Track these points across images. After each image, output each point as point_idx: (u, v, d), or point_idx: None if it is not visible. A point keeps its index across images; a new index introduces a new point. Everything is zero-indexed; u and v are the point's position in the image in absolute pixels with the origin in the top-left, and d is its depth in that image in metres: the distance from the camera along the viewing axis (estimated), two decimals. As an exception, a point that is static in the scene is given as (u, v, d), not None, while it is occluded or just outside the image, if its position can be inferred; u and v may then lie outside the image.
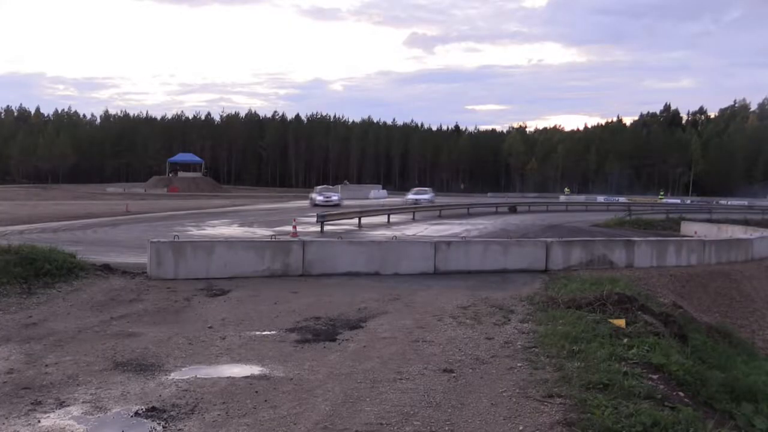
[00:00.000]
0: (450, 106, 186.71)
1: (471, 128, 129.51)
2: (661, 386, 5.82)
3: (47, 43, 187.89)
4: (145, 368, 6.07)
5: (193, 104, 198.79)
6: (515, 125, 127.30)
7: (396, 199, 54.32)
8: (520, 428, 4.74)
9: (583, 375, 5.83)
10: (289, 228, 20.88)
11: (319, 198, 38.44)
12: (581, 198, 67.08)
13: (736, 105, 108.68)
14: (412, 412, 5.01)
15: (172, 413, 4.90)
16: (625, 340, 7.14)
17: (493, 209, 39.21)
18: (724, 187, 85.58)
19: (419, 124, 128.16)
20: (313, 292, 10.30)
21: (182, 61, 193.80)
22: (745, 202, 60.00)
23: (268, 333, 7.64)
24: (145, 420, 4.78)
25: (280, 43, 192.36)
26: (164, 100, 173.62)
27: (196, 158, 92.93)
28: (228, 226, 23.50)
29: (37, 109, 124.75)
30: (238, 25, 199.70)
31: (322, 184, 57.07)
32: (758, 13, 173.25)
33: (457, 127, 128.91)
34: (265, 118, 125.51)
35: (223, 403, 5.15)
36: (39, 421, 4.73)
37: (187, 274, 11.19)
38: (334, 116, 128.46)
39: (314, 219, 22.85)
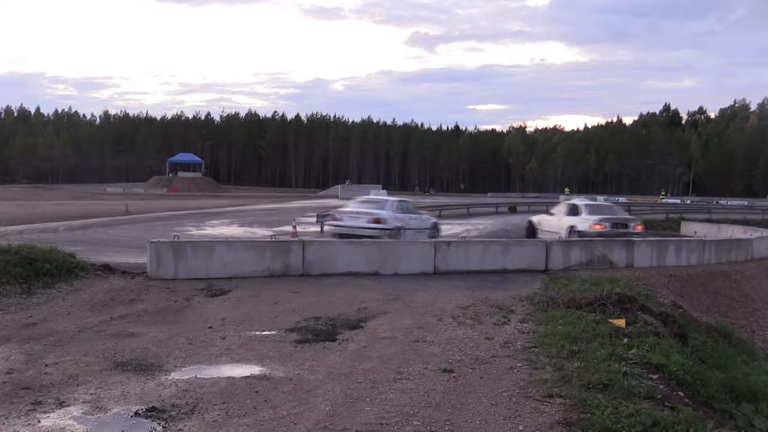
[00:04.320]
0: (451, 106, 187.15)
1: (471, 128, 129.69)
2: (661, 386, 5.82)
3: (47, 43, 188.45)
4: (145, 368, 6.06)
5: (193, 104, 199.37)
6: (515, 125, 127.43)
7: None
8: (520, 428, 4.74)
9: (583, 375, 5.83)
10: (289, 228, 20.89)
11: None
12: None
13: (736, 105, 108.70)
14: (412, 412, 5.01)
15: (172, 413, 4.90)
16: (625, 340, 7.13)
17: (493, 209, 39.27)
18: (724, 187, 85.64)
19: (419, 124, 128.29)
20: (313, 292, 10.30)
21: (182, 61, 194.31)
22: (745, 202, 60.09)
23: (268, 333, 7.64)
24: (145, 420, 4.78)
25: (280, 43, 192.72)
26: (164, 100, 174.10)
27: (196, 158, 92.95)
28: (228, 226, 23.51)
29: (37, 109, 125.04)
30: (239, 25, 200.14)
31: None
32: (762, 12, 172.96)
33: (457, 127, 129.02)
34: (265, 118, 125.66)
35: (223, 403, 5.15)
36: (39, 421, 4.73)
37: (187, 274, 11.18)
38: (334, 116, 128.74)
39: (314, 219, 22.92)
